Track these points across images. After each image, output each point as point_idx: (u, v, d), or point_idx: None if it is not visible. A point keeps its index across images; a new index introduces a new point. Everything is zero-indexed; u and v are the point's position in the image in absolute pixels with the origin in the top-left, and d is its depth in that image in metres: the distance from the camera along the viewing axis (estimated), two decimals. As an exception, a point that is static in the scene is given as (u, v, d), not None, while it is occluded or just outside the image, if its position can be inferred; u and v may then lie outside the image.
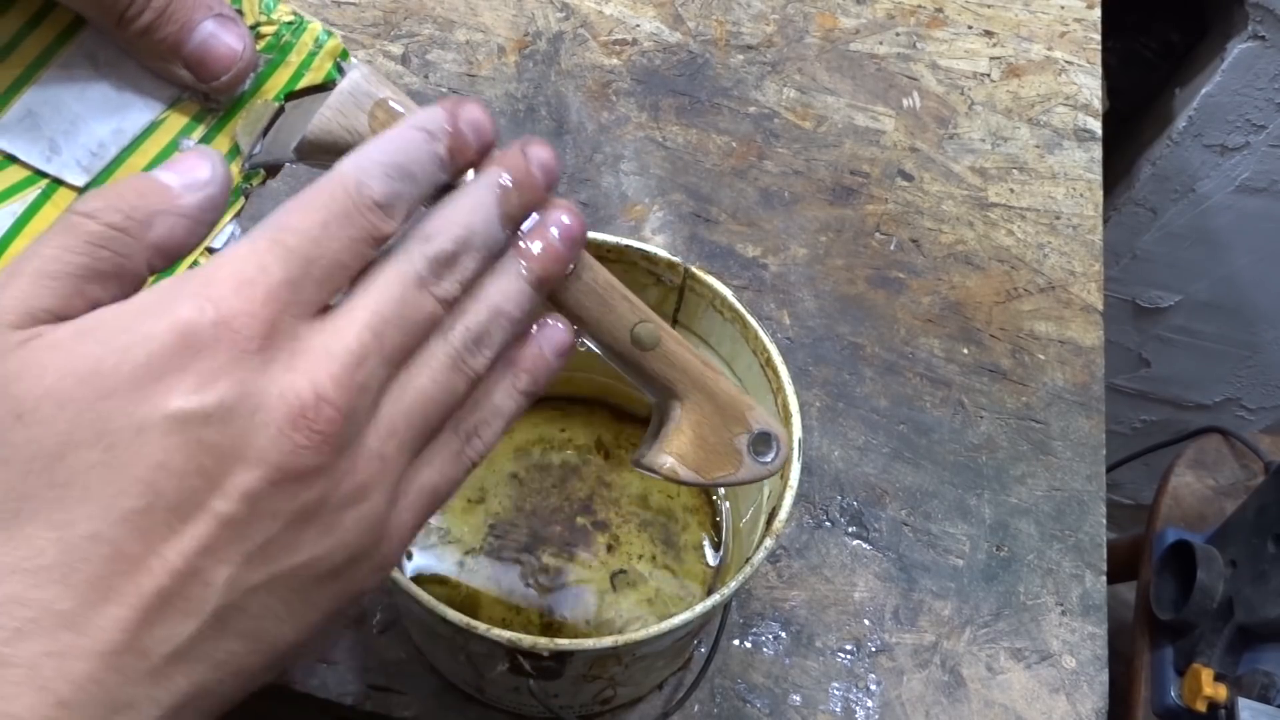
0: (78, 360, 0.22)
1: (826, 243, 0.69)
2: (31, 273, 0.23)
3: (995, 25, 0.80)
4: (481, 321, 0.28)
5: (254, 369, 0.23)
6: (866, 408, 0.63)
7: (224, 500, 0.23)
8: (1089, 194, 0.73)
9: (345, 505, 0.25)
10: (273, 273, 0.24)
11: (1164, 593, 0.82)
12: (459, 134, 0.28)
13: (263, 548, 0.24)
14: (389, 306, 0.25)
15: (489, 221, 0.28)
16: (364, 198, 0.25)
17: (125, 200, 0.24)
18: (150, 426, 0.22)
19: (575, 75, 0.74)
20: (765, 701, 0.52)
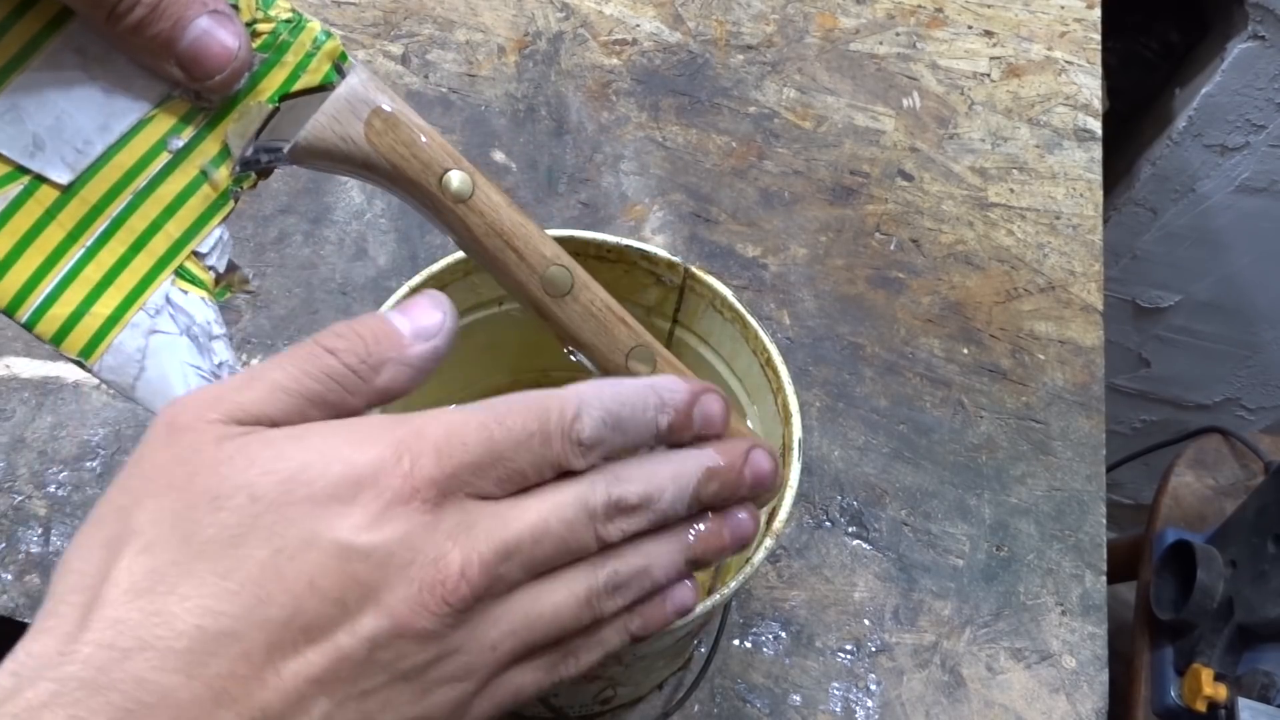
0: (283, 462, 0.24)
1: (826, 243, 0.69)
2: (270, 382, 0.26)
3: (995, 25, 0.80)
4: (629, 572, 0.28)
5: (421, 526, 0.24)
6: (866, 408, 0.63)
7: (349, 637, 0.24)
8: (1089, 194, 0.73)
9: (444, 680, 0.26)
10: (470, 452, 0.25)
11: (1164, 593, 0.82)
12: (687, 418, 0.29)
13: (362, 694, 0.24)
14: (556, 524, 0.26)
15: (680, 496, 0.29)
16: (573, 431, 0.27)
17: (364, 345, 0.26)
18: (317, 544, 0.23)
19: (575, 75, 0.74)
20: (765, 701, 0.52)
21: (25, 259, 0.29)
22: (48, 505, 0.55)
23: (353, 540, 0.24)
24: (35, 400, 0.58)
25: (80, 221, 0.29)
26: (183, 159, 0.30)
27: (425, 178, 0.30)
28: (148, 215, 0.30)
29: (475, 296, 0.46)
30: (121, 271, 0.30)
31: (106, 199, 0.29)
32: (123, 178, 0.29)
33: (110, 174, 0.29)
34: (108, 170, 0.29)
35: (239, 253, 0.64)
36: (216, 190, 0.30)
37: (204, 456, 0.24)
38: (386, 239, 0.65)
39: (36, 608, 0.54)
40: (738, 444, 0.30)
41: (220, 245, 0.31)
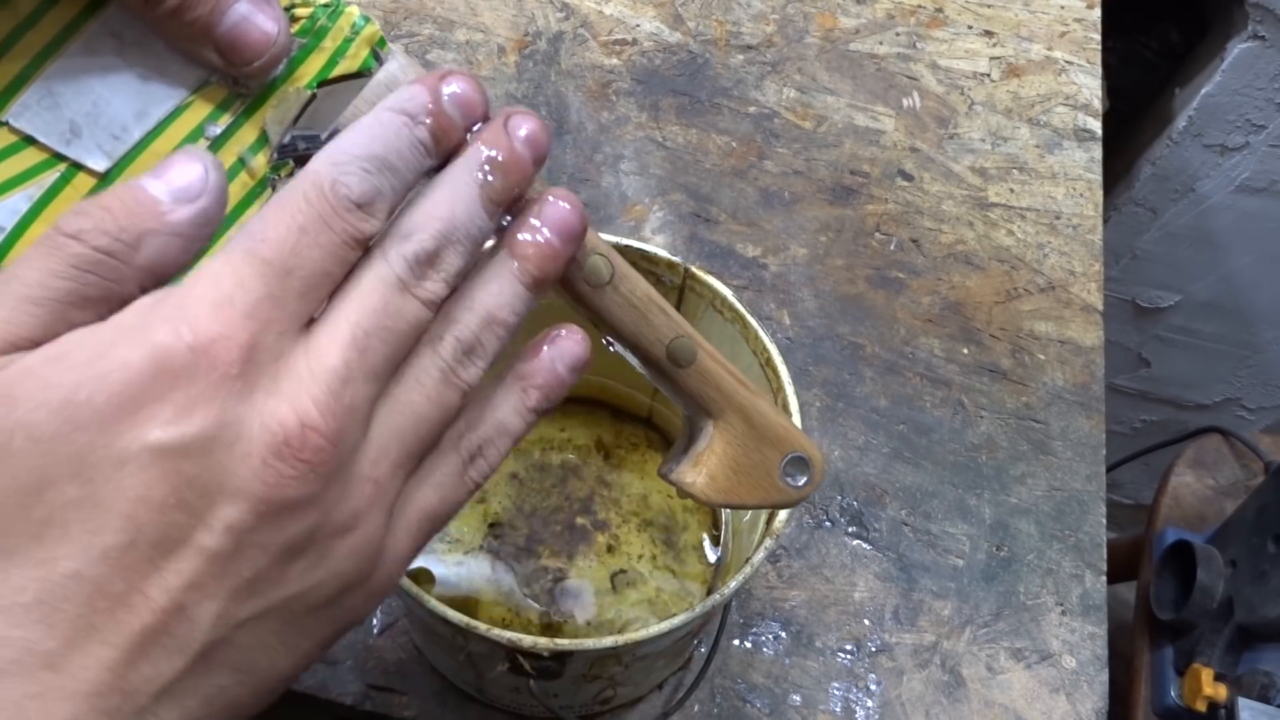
0: (51, 390, 0.21)
1: (826, 243, 0.69)
2: (13, 297, 0.22)
3: (995, 25, 0.80)
4: (473, 329, 0.26)
5: (235, 395, 0.22)
6: (866, 408, 0.63)
7: (208, 534, 0.22)
8: (1089, 194, 0.73)
9: (337, 534, 0.24)
10: (251, 289, 0.22)
11: (1164, 593, 0.82)
12: (442, 114, 0.26)
13: (251, 582, 0.23)
14: (371, 317, 0.24)
15: (471, 211, 0.26)
16: (340, 198, 0.24)
17: (113, 219, 0.23)
18: (129, 460, 0.21)
19: (575, 75, 0.74)
20: (765, 701, 0.52)
21: None
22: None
23: (164, 440, 0.21)
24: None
25: None
26: (220, 146, 0.29)
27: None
28: None
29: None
30: None
31: None
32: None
33: (147, 161, 0.28)
34: (145, 157, 0.28)
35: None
36: (254, 178, 0.30)
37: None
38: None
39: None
40: (493, 124, 0.27)
41: None
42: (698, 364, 0.32)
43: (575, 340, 0.29)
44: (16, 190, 0.28)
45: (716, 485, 0.33)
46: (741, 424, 0.33)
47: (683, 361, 0.32)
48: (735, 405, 0.33)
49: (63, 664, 0.21)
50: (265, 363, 0.22)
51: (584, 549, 0.53)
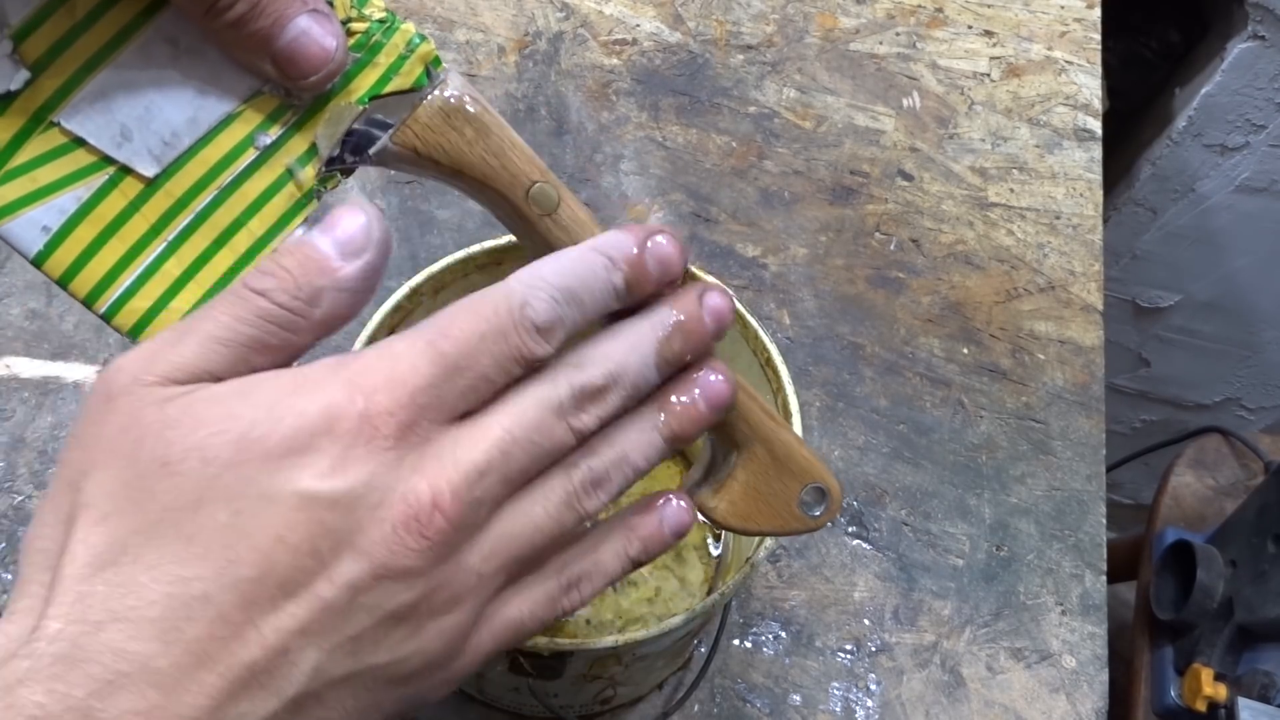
0: (231, 421, 0.23)
1: (826, 243, 0.69)
2: (204, 336, 0.24)
3: (995, 25, 0.81)
4: (606, 465, 0.27)
5: (385, 464, 0.24)
6: (866, 408, 0.63)
7: (328, 585, 0.23)
8: (1089, 194, 0.73)
9: (435, 613, 0.25)
10: (422, 375, 0.24)
11: (1164, 593, 0.82)
12: (641, 267, 0.27)
13: (352, 640, 0.24)
14: (523, 429, 0.25)
15: (645, 364, 0.27)
16: (525, 319, 0.25)
17: (293, 280, 0.25)
18: (280, 499, 0.23)
19: (575, 75, 0.74)
20: (765, 701, 0.52)
21: (107, 250, 0.28)
22: (48, 505, 0.55)
23: (316, 489, 0.23)
24: (35, 400, 0.58)
25: (164, 215, 0.29)
26: (269, 156, 0.29)
27: (513, 189, 0.30)
28: (232, 211, 0.29)
29: (475, 296, 0.46)
30: (202, 267, 0.29)
31: (191, 193, 0.29)
32: (208, 172, 0.29)
33: (196, 168, 0.28)
34: (194, 164, 0.29)
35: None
36: (301, 190, 0.30)
37: (147, 421, 0.23)
38: (386, 239, 0.65)
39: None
40: (688, 291, 0.29)
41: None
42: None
43: (684, 510, 0.30)
44: (65, 190, 0.28)
45: (736, 511, 0.34)
46: (765, 454, 0.33)
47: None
48: (761, 437, 0.33)
49: (171, 685, 0.22)
50: (417, 443, 0.24)
51: (584, 549, 0.53)
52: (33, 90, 0.27)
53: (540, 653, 0.38)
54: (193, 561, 0.22)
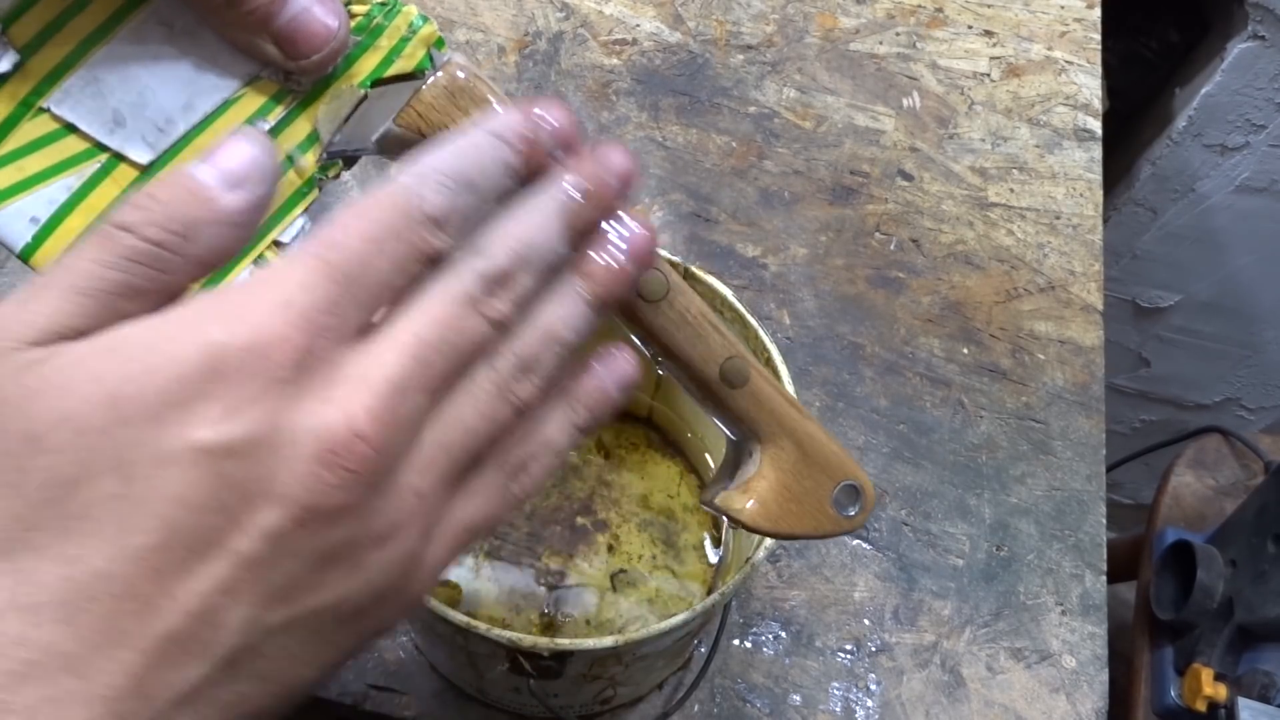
0: (99, 382, 0.21)
1: (826, 243, 0.69)
2: (63, 287, 0.22)
3: (995, 25, 0.80)
4: (532, 347, 0.25)
5: (285, 398, 0.21)
6: (866, 408, 0.63)
7: (244, 539, 0.21)
8: (1089, 194, 0.73)
9: (375, 545, 0.23)
10: (313, 292, 0.22)
11: (1164, 593, 0.82)
12: (536, 140, 0.25)
13: (283, 589, 0.22)
14: (435, 330, 0.23)
15: (550, 236, 0.25)
16: (417, 211, 0.23)
17: (163, 210, 0.22)
18: (171, 458, 0.21)
19: (575, 75, 0.74)
20: (765, 701, 0.52)
21: None
22: (48, 505, 0.55)
23: (209, 440, 0.21)
24: (35, 400, 0.58)
25: None
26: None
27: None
28: None
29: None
30: None
31: None
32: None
33: (191, 155, 0.27)
34: (189, 151, 0.27)
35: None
36: (301, 177, 0.29)
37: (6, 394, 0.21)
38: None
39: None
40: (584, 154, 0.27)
41: (302, 234, 0.29)
42: (751, 385, 0.31)
43: (626, 360, 0.28)
44: (55, 179, 0.27)
45: (767, 513, 0.32)
46: (793, 449, 0.31)
47: (736, 382, 0.31)
48: (788, 429, 0.31)
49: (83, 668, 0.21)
50: (319, 368, 0.22)
51: (584, 549, 0.53)
52: (21, 75, 0.26)
53: (540, 653, 0.38)
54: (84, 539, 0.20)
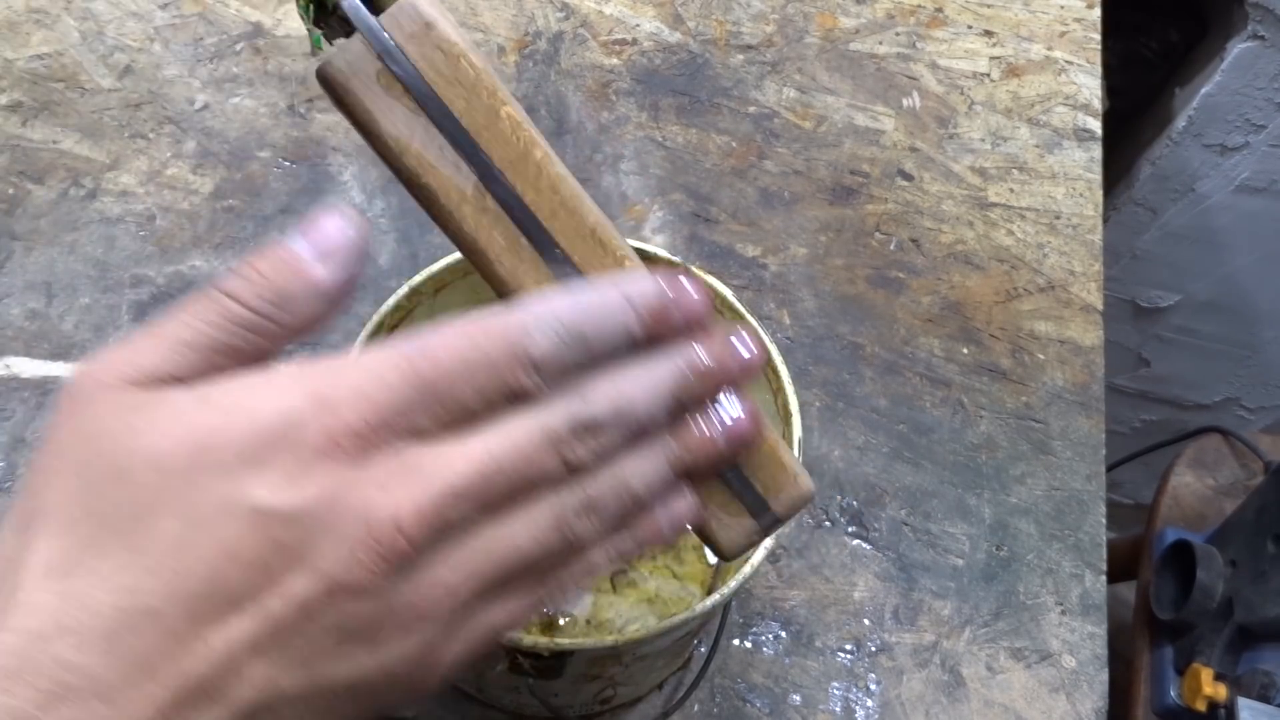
0: (189, 428, 0.23)
1: (826, 243, 0.69)
2: (171, 339, 0.24)
3: (995, 25, 0.80)
4: (603, 492, 0.25)
5: (344, 480, 0.23)
6: (866, 407, 0.63)
7: (278, 601, 0.23)
8: (1089, 194, 0.73)
9: (397, 629, 0.24)
10: (393, 393, 0.23)
11: (1164, 592, 0.82)
12: (664, 316, 0.26)
13: (306, 655, 0.23)
14: (509, 454, 0.24)
15: (655, 403, 0.26)
16: (522, 351, 0.24)
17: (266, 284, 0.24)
18: (232, 512, 0.22)
19: (575, 75, 0.74)
20: (765, 701, 0.52)
21: None
22: (48, 505, 0.55)
23: (269, 503, 0.22)
24: (35, 400, 0.58)
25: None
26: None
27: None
28: None
29: (475, 296, 0.46)
30: None
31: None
32: None
33: None
34: None
35: (239, 251, 0.64)
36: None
37: (106, 427, 0.23)
38: (386, 239, 0.65)
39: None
40: (719, 335, 0.27)
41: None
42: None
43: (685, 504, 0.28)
44: None
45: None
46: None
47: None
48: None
49: (115, 696, 0.22)
50: (383, 458, 0.23)
51: (584, 549, 0.53)
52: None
53: (540, 653, 0.38)
54: (142, 574, 0.22)
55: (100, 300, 0.61)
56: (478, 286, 0.46)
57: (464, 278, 0.45)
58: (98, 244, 0.63)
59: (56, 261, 0.63)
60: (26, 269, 0.62)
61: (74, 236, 0.64)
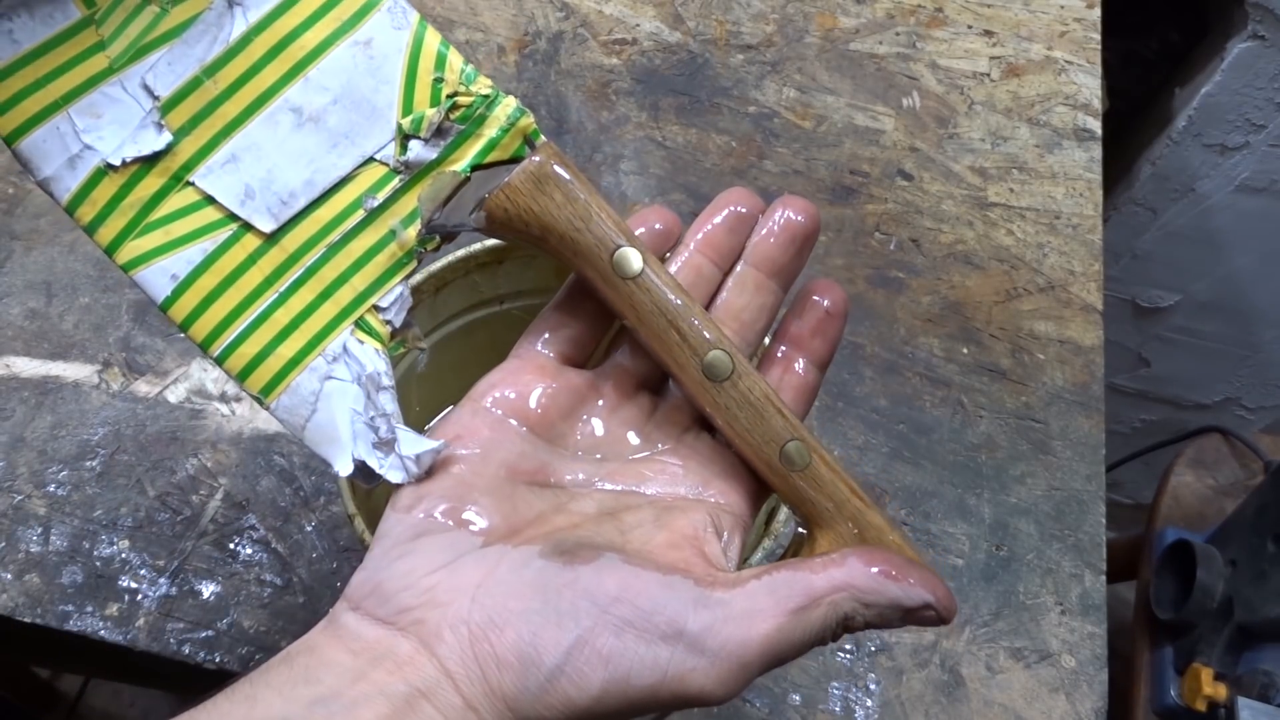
0: None
1: (826, 242, 0.69)
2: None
3: (995, 25, 0.81)
4: None
5: None
6: (866, 407, 0.63)
7: None
8: (1089, 194, 0.73)
9: None
10: None
11: (1164, 592, 0.82)
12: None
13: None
14: None
15: None
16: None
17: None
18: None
19: (575, 75, 0.74)
20: (765, 701, 0.52)
21: (224, 299, 0.31)
22: (47, 505, 0.55)
23: None
24: (35, 400, 0.58)
25: (278, 268, 0.31)
26: (375, 217, 0.32)
27: (598, 253, 0.32)
28: (338, 267, 0.32)
29: (476, 295, 0.46)
30: (308, 318, 0.32)
31: (303, 249, 0.31)
32: (320, 230, 0.31)
33: (309, 226, 0.31)
34: (307, 223, 0.31)
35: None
36: (403, 249, 0.32)
37: None
38: (386, 239, 0.65)
39: (36, 607, 0.54)
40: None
41: (399, 301, 0.32)
42: (811, 469, 0.32)
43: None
44: (194, 243, 0.31)
45: None
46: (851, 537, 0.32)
47: (797, 465, 0.32)
48: (848, 515, 0.32)
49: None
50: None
51: (584, 548, 0.53)
52: (174, 153, 0.30)
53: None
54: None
55: (100, 300, 0.61)
56: (479, 285, 0.46)
57: (464, 276, 0.45)
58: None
59: (56, 261, 0.63)
60: (26, 269, 0.62)
61: (74, 236, 0.64)
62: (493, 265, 0.45)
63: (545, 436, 0.32)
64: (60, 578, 0.52)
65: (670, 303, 0.32)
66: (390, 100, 0.31)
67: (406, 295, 0.32)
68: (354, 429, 0.32)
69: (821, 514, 0.32)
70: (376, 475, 0.31)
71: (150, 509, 0.55)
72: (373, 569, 0.28)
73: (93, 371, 0.59)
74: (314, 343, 0.32)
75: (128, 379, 0.59)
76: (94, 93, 0.30)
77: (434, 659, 0.26)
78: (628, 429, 0.33)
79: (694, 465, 0.32)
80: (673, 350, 0.32)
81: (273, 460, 0.57)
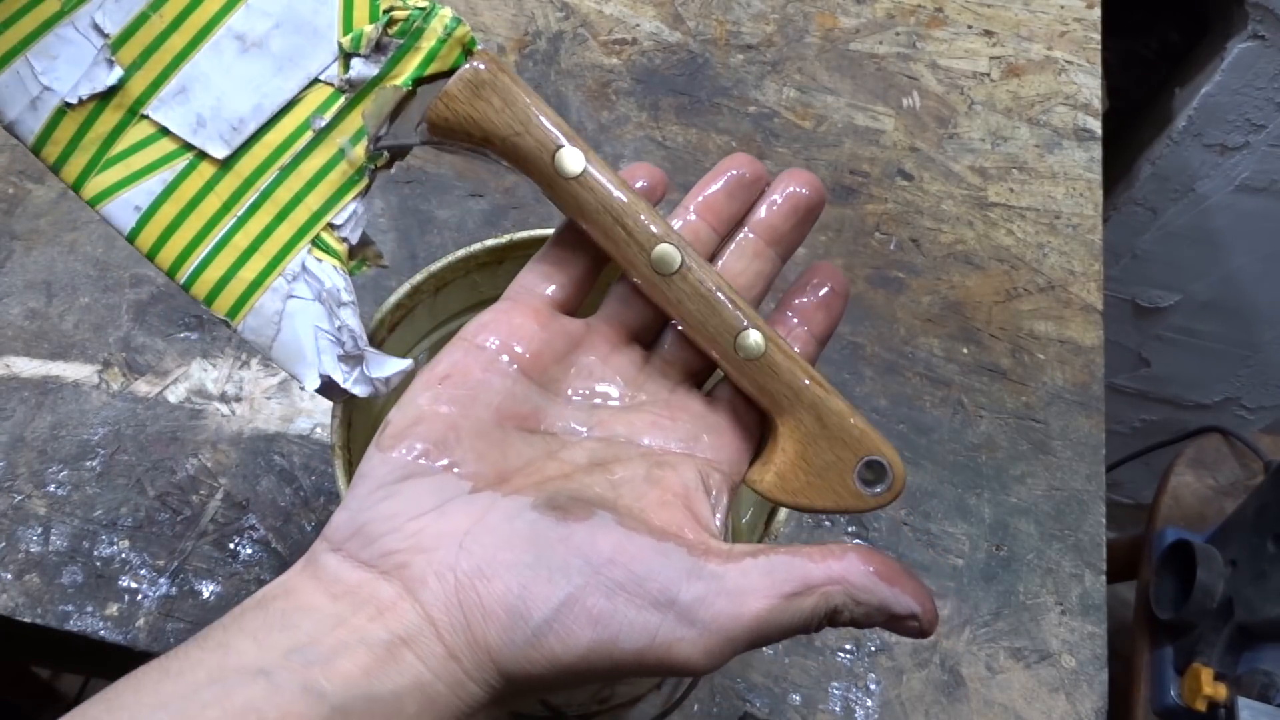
0: None
1: (826, 242, 0.69)
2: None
3: (995, 25, 0.80)
4: None
5: None
6: (866, 407, 0.63)
7: None
8: (1089, 194, 0.73)
9: None
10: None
11: (1164, 592, 0.82)
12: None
13: None
14: None
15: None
16: None
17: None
18: None
19: (575, 75, 0.74)
20: (765, 701, 0.52)
21: (186, 226, 0.32)
22: (47, 505, 0.55)
23: None
24: (35, 400, 0.58)
25: (234, 193, 0.32)
26: (324, 138, 0.32)
27: (540, 155, 0.31)
28: (292, 188, 0.32)
29: (476, 295, 0.46)
30: (266, 240, 0.33)
31: (257, 173, 0.32)
32: (271, 154, 0.32)
33: (261, 151, 0.32)
34: (259, 147, 0.32)
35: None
36: (353, 167, 0.33)
37: None
38: (386, 239, 0.65)
39: (36, 607, 0.54)
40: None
41: (354, 218, 0.33)
42: (766, 357, 0.32)
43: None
44: (153, 174, 0.32)
45: (785, 486, 0.32)
46: (813, 422, 0.32)
47: (751, 354, 0.32)
48: (806, 402, 0.32)
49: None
50: None
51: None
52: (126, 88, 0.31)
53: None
54: None
55: (100, 300, 0.61)
56: (479, 285, 0.46)
57: (465, 276, 0.45)
58: (98, 244, 0.63)
59: (56, 261, 0.63)
60: (26, 269, 0.62)
61: (74, 236, 0.64)
62: (493, 265, 0.45)
63: (538, 380, 0.31)
64: (60, 578, 0.52)
65: (615, 199, 0.32)
66: (330, 20, 0.31)
67: (361, 212, 0.33)
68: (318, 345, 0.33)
69: (781, 402, 0.32)
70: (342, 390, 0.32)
71: (150, 509, 0.55)
72: (355, 509, 0.28)
73: (93, 371, 0.59)
74: (274, 263, 0.32)
75: (128, 379, 0.59)
76: (49, 35, 0.30)
77: (417, 605, 0.26)
78: (619, 378, 0.33)
79: (684, 420, 0.32)
80: (621, 247, 0.32)
81: (273, 460, 0.57)
